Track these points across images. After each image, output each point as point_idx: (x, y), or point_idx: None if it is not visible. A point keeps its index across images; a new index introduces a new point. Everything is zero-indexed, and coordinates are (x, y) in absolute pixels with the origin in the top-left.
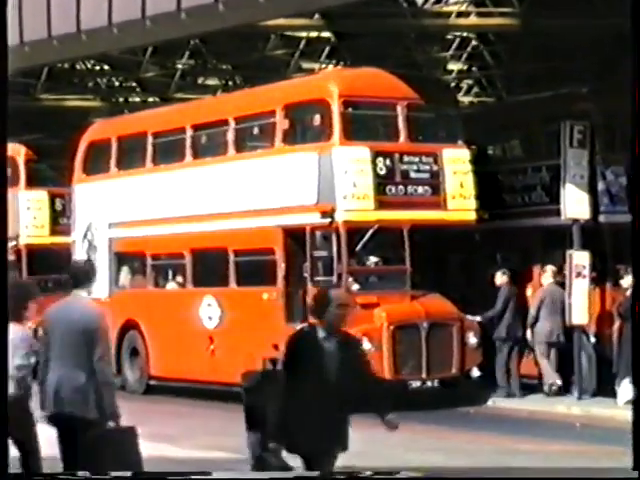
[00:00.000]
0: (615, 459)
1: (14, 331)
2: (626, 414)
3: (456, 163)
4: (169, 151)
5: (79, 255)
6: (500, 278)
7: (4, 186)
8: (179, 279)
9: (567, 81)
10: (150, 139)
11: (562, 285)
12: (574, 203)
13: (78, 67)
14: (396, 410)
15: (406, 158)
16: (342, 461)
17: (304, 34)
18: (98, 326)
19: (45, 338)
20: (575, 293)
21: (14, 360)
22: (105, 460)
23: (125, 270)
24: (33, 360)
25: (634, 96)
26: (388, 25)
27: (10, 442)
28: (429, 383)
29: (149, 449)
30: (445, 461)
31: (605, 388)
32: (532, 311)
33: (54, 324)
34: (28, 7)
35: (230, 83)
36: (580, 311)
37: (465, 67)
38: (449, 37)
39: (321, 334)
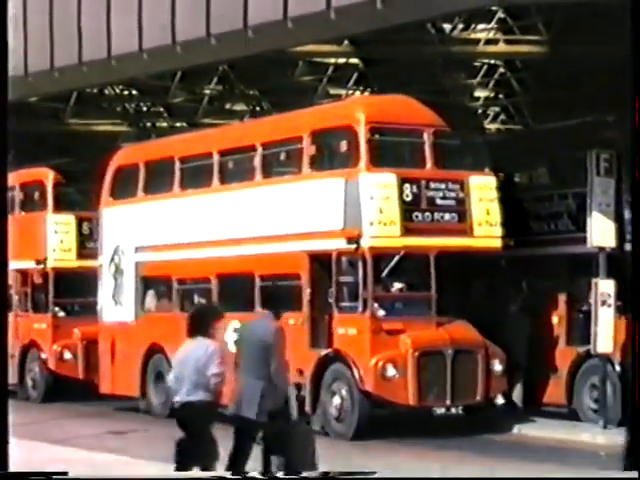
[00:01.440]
0: None
1: (206, 345)
2: None
3: (482, 190)
4: (196, 176)
5: (105, 279)
6: None
7: (4, 212)
8: (205, 303)
9: (594, 108)
10: (177, 164)
11: (588, 314)
12: (600, 231)
13: (107, 92)
14: (420, 436)
15: (432, 185)
16: None
17: (332, 60)
18: (275, 343)
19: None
20: (600, 321)
21: (210, 369)
22: (285, 454)
23: (151, 294)
24: (223, 370)
25: (634, 122)
26: (416, 52)
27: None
28: (453, 410)
29: (175, 472)
30: None
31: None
32: None
33: (242, 340)
34: (59, 33)
35: (258, 109)
36: (605, 339)
37: (492, 94)
38: (476, 64)
39: None
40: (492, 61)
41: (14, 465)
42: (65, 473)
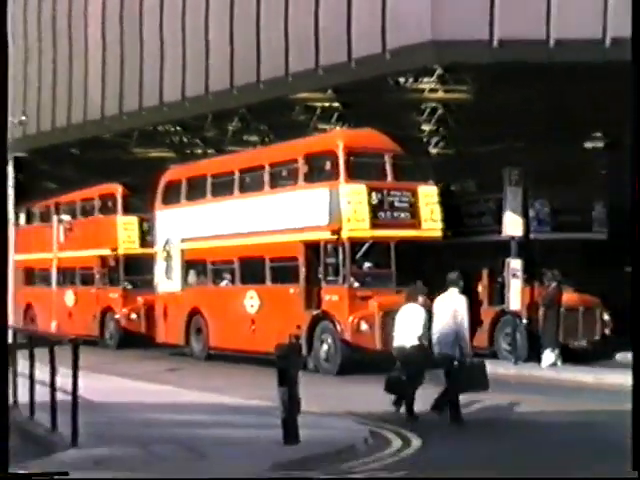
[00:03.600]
0: (537, 406)
1: (415, 308)
2: (548, 374)
3: (428, 196)
4: (223, 187)
5: (159, 261)
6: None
7: (4, 202)
8: (230, 278)
9: (508, 138)
10: (209, 179)
11: (503, 284)
12: (512, 225)
13: (159, 129)
14: (384, 372)
15: (392, 192)
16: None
17: (319, 104)
18: (461, 308)
19: (432, 314)
20: (512, 289)
21: (419, 323)
22: (466, 378)
23: (192, 272)
24: (423, 324)
25: (636, 131)
26: (380, 98)
27: None
28: None
29: (207, 397)
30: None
31: (533, 356)
32: None
33: (439, 306)
34: (127, 86)
35: (266, 139)
36: (515, 301)
37: (434, 128)
38: (423, 107)
39: None
40: (434, 104)
41: (90, 392)
42: (66, 473)
